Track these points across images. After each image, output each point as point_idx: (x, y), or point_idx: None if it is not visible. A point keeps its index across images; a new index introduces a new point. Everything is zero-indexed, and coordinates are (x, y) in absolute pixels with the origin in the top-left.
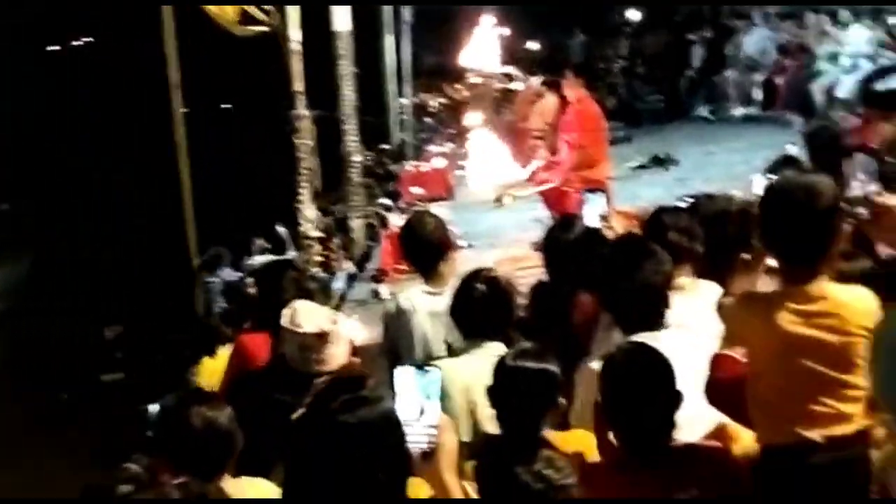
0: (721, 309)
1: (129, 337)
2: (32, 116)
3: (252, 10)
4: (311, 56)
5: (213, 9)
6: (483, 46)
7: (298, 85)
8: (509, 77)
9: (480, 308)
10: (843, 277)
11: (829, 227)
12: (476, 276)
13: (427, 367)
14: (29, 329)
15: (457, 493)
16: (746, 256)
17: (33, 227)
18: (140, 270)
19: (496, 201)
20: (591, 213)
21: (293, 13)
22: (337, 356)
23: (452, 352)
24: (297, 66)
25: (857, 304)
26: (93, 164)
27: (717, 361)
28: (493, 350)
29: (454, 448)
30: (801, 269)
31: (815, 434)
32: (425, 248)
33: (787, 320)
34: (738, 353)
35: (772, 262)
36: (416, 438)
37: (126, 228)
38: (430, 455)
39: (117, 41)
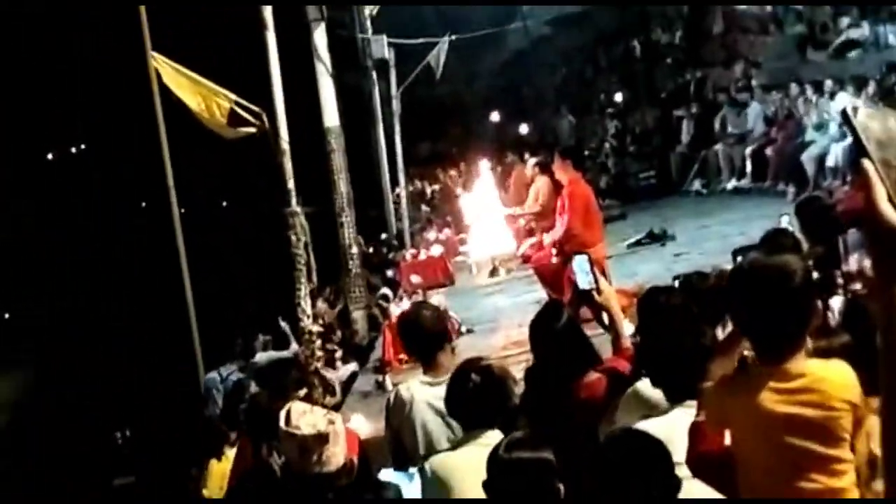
0: (700, 393)
1: (138, 440)
2: (33, 224)
3: (240, 111)
4: (305, 152)
5: (202, 113)
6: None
7: (290, 182)
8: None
9: (475, 398)
10: (824, 353)
11: (804, 305)
12: (469, 366)
13: (410, 471)
14: (37, 437)
15: None
16: (720, 337)
17: (35, 335)
18: (146, 373)
19: (492, 273)
20: (582, 276)
21: (280, 113)
22: (336, 455)
23: (454, 444)
24: (287, 164)
25: (836, 378)
26: (93, 269)
27: (699, 432)
28: (493, 439)
29: None
30: (777, 349)
31: None
32: (423, 339)
33: (769, 399)
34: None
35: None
36: None
37: (129, 332)
38: None
39: (112, 147)
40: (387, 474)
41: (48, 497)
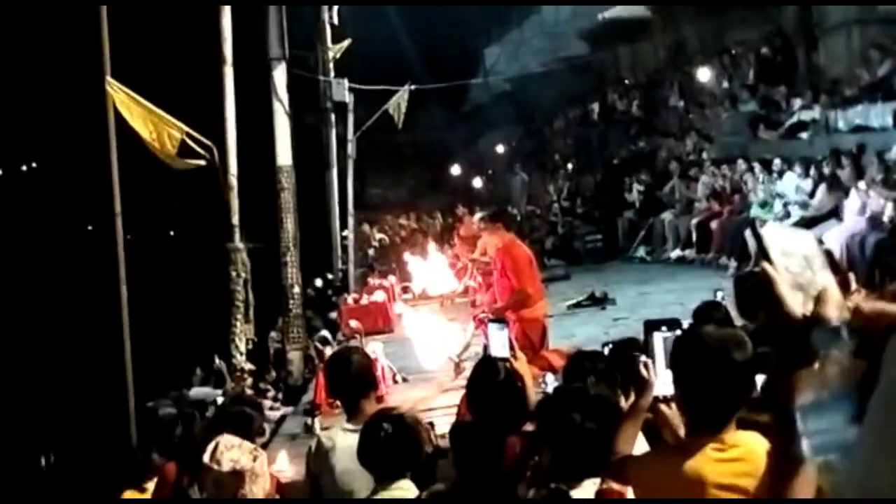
0: (628, 461)
1: (62, 468)
2: None
3: (191, 143)
4: (256, 189)
5: (153, 142)
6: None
7: (234, 217)
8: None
9: (387, 448)
10: (747, 425)
11: (749, 378)
12: (382, 415)
13: None
14: None
15: None
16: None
17: None
18: (77, 399)
19: (456, 372)
20: (496, 344)
21: (232, 148)
22: (254, 495)
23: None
24: (233, 200)
25: (763, 450)
26: (33, 291)
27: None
28: (404, 490)
29: None
30: (717, 419)
31: None
32: (348, 384)
33: (710, 469)
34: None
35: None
36: None
37: (65, 355)
38: None
39: (63, 168)
40: None
41: None
